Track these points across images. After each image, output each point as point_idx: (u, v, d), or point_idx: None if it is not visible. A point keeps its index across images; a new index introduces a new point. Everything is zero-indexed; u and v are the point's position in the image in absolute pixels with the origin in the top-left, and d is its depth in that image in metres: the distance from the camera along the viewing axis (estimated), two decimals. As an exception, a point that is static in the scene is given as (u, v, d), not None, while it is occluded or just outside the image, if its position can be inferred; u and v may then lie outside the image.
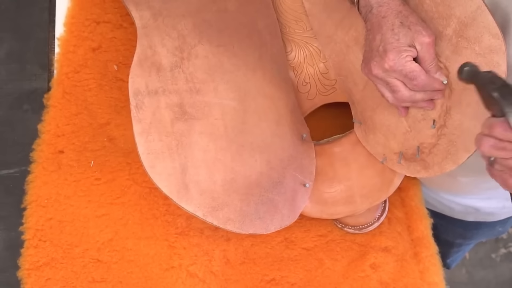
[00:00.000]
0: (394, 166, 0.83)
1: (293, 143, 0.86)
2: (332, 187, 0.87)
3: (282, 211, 0.82)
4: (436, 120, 0.76)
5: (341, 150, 0.88)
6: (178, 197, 0.77)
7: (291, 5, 0.91)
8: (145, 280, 0.85)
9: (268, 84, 0.86)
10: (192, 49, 0.83)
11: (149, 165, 0.76)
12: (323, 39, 0.89)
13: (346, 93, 0.89)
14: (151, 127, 0.78)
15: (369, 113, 0.84)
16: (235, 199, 0.79)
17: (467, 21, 0.71)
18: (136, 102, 0.78)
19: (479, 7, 0.71)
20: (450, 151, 0.75)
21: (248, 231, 0.80)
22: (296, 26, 0.91)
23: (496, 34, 0.70)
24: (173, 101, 0.79)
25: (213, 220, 0.78)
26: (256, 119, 0.84)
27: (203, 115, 0.80)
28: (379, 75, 0.74)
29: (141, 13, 0.84)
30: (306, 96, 0.91)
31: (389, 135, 0.82)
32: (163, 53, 0.82)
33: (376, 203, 0.86)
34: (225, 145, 0.80)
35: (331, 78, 0.90)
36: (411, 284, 0.87)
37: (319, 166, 0.87)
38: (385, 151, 0.83)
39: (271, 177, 0.82)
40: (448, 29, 0.73)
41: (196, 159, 0.78)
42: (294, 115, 0.88)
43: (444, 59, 0.74)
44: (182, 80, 0.81)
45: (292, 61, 0.91)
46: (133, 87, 0.79)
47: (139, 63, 0.80)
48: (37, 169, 0.88)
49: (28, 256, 0.85)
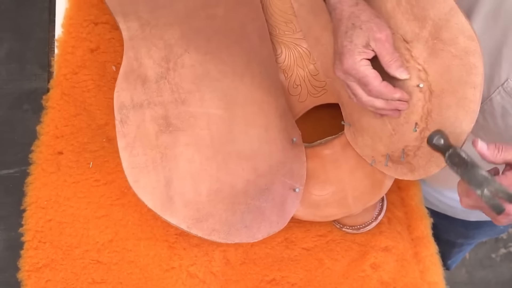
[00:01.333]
0: (383, 168, 0.83)
1: (283, 148, 0.85)
2: (324, 190, 0.87)
3: (270, 218, 0.82)
4: (418, 123, 0.76)
5: (332, 152, 0.88)
6: (162, 210, 0.77)
7: (281, 7, 0.91)
8: (145, 281, 0.85)
9: (257, 89, 0.86)
10: (179, 59, 0.83)
11: (133, 180, 0.77)
12: (311, 40, 0.89)
13: (335, 95, 0.89)
14: (136, 141, 0.78)
15: (356, 115, 0.84)
16: (220, 209, 0.79)
17: (442, 23, 0.71)
18: (121, 116, 0.78)
19: (452, 8, 0.70)
20: (433, 154, 0.74)
21: (234, 241, 0.79)
22: (286, 28, 0.91)
23: (470, 36, 0.69)
24: (158, 114, 0.79)
25: (197, 232, 0.78)
26: (244, 127, 0.83)
27: (188, 126, 0.80)
28: (341, 77, 0.74)
29: (128, 24, 0.84)
30: (297, 99, 0.91)
31: (376, 138, 0.82)
32: (149, 64, 0.82)
33: (369, 204, 0.86)
34: (211, 155, 0.80)
35: (321, 79, 0.90)
36: (411, 284, 0.87)
37: (310, 169, 0.87)
38: (373, 154, 0.83)
39: (258, 185, 0.82)
40: (424, 31, 0.73)
41: (181, 171, 0.78)
42: (284, 119, 0.87)
43: (422, 61, 0.74)
44: (167, 91, 0.81)
45: (282, 63, 0.91)
46: (118, 101, 0.79)
47: (125, 76, 0.80)
48: (37, 170, 0.88)
49: (28, 257, 0.85)
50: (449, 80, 0.72)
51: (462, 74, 0.71)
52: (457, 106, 0.72)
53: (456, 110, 0.72)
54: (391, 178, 0.84)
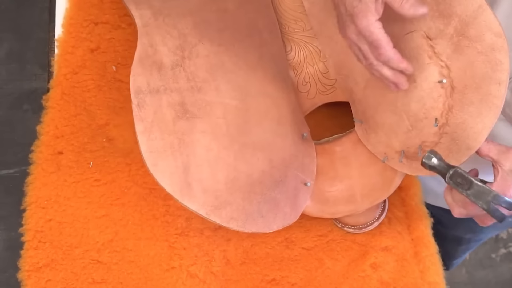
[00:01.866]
0: (396, 165, 0.83)
1: (294, 142, 0.86)
2: (333, 186, 0.87)
3: (284, 210, 0.82)
4: (438, 119, 0.76)
5: (342, 149, 0.88)
6: (181, 195, 0.76)
7: (290, 5, 0.91)
8: (145, 280, 0.85)
9: (269, 84, 0.86)
10: (193, 48, 0.83)
11: (152, 164, 0.76)
12: (324, 38, 0.89)
13: (346, 92, 0.89)
14: (153, 125, 0.77)
15: (370, 112, 0.84)
16: (237, 198, 0.79)
17: (468, 19, 0.71)
18: (137, 100, 0.78)
19: (480, 6, 0.71)
20: (452, 149, 0.75)
21: (251, 230, 0.79)
22: (296, 26, 0.91)
23: (498, 33, 0.70)
24: (175, 100, 0.79)
25: (216, 218, 0.77)
26: (258, 118, 0.84)
27: (204, 114, 0.80)
28: (353, 39, 0.73)
29: (141, 12, 0.84)
30: (306, 96, 0.91)
31: (391, 134, 0.82)
32: (164, 51, 0.81)
33: (377, 202, 0.86)
34: (228, 144, 0.80)
35: (331, 77, 0.90)
36: (412, 284, 0.87)
37: (320, 165, 0.87)
38: (387, 150, 0.83)
39: (273, 176, 0.82)
40: (449, 27, 0.73)
41: (199, 157, 0.78)
42: (294, 115, 0.87)
43: (445, 57, 0.74)
44: (183, 78, 0.81)
45: (292, 60, 0.91)
46: (135, 85, 0.78)
47: (140, 61, 0.80)
48: (37, 170, 0.88)
49: (28, 257, 0.85)
50: (472, 76, 0.72)
51: (487, 70, 0.71)
52: (480, 102, 0.72)
53: (479, 105, 0.72)
54: (402, 175, 0.84)
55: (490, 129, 0.72)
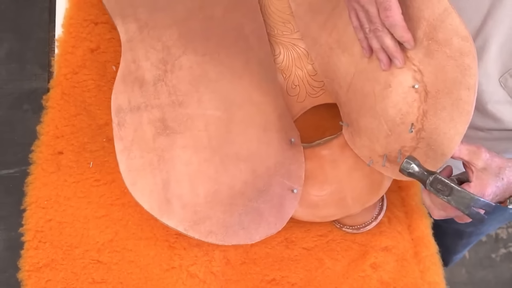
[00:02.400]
0: (380, 168, 0.82)
1: (281, 148, 0.85)
2: (323, 190, 0.87)
3: (268, 219, 0.82)
4: (414, 124, 0.76)
5: (331, 152, 0.88)
6: (159, 213, 0.77)
7: (279, 6, 0.91)
8: (145, 280, 0.85)
9: (255, 90, 0.86)
10: (176, 61, 0.83)
11: (131, 183, 0.77)
12: (309, 41, 0.89)
13: (333, 95, 0.88)
14: (133, 144, 0.78)
15: (354, 115, 0.84)
16: (217, 211, 0.79)
17: (436, 23, 0.71)
18: (118, 119, 0.78)
19: (446, 9, 0.70)
20: (429, 154, 0.75)
21: (231, 243, 0.79)
22: (284, 28, 0.91)
23: (465, 37, 0.70)
24: (155, 116, 0.79)
25: (194, 234, 0.78)
26: (242, 128, 0.83)
27: (185, 129, 0.80)
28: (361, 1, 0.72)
29: (126, 27, 0.84)
30: (295, 99, 0.91)
31: (373, 138, 0.81)
32: (147, 66, 0.82)
33: (368, 205, 0.86)
34: (209, 156, 0.80)
35: (319, 79, 0.90)
36: (412, 284, 0.87)
37: (309, 169, 0.87)
38: (371, 154, 0.83)
39: (256, 186, 0.82)
40: (418, 31, 0.73)
41: (179, 173, 0.78)
42: (282, 120, 0.87)
43: (417, 62, 0.74)
44: (164, 93, 0.81)
45: (281, 64, 0.91)
46: (116, 104, 0.79)
47: (123, 78, 0.80)
48: (37, 170, 0.88)
49: (28, 257, 0.85)
50: (444, 81, 0.72)
51: (457, 75, 0.71)
52: (451, 107, 0.72)
53: (451, 111, 0.72)
54: (390, 178, 0.84)
55: (462, 135, 0.71)
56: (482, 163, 0.70)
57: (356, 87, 0.81)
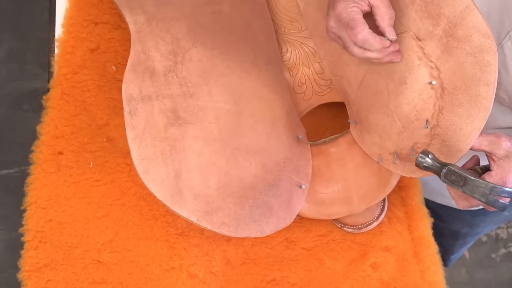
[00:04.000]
0: (390, 166, 0.83)
1: (289, 144, 0.85)
2: (329, 188, 0.87)
3: (278, 214, 0.82)
4: (429, 120, 0.76)
5: (338, 150, 0.88)
6: (171, 202, 0.77)
7: (286, 5, 0.91)
8: (145, 281, 0.85)
9: (263, 86, 0.86)
10: (186, 53, 0.83)
11: (143, 171, 0.76)
12: (318, 39, 0.89)
13: (341, 93, 0.89)
14: (145, 133, 0.78)
15: (364, 113, 0.84)
16: (229, 203, 0.79)
17: (456, 20, 0.71)
18: (129, 108, 0.78)
19: (468, 6, 0.71)
20: (443, 151, 0.75)
21: (243, 235, 0.79)
22: (291, 27, 0.91)
23: (486, 34, 0.70)
24: (167, 106, 0.79)
25: (207, 224, 0.78)
26: (251, 122, 0.83)
27: (197, 120, 0.80)
28: (332, 28, 0.74)
29: (135, 18, 0.84)
30: (302, 97, 0.91)
31: (384, 135, 0.82)
32: (157, 57, 0.82)
33: (374, 203, 0.86)
34: (220, 148, 0.80)
35: (326, 78, 0.90)
36: (412, 284, 0.87)
37: (315, 167, 0.87)
38: (381, 151, 0.83)
39: (266, 180, 0.82)
40: (438, 28, 0.73)
41: (190, 163, 0.78)
42: (289, 117, 0.87)
43: (435, 58, 0.74)
44: (175, 84, 0.81)
45: (288, 61, 0.91)
46: (127, 93, 0.79)
47: (133, 68, 0.80)
48: (37, 170, 0.88)
49: (28, 257, 0.85)
50: (462, 77, 0.72)
51: (476, 71, 0.71)
52: (469, 103, 0.72)
53: (468, 107, 0.72)
54: (397, 176, 0.84)
55: (480, 131, 0.71)
56: (503, 151, 0.70)
57: (369, 84, 0.81)
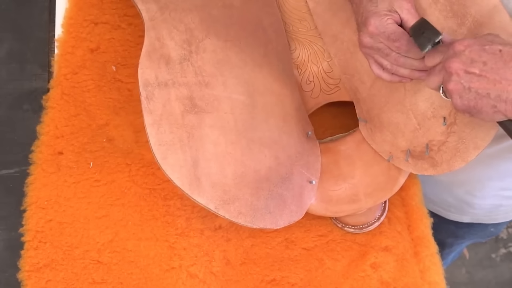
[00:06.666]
0: (401, 164, 0.82)
1: (299, 140, 0.86)
2: (337, 185, 0.87)
3: (291, 207, 0.82)
4: (446, 118, 0.76)
5: (346, 148, 0.88)
6: (190, 189, 0.76)
7: (295, 4, 0.91)
8: (145, 281, 0.85)
9: (275, 81, 0.86)
10: (200, 43, 0.83)
11: (161, 157, 0.76)
12: (328, 38, 0.89)
13: (351, 92, 0.89)
14: (162, 118, 0.77)
15: (376, 111, 0.84)
16: (246, 193, 0.79)
17: (483, 20, 0.71)
18: (146, 93, 0.77)
19: (495, 6, 0.70)
20: (459, 148, 0.75)
21: (259, 226, 0.79)
22: (300, 25, 0.91)
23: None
24: (183, 94, 0.79)
25: (225, 213, 0.77)
26: (264, 115, 0.83)
27: (212, 109, 0.80)
28: (368, 44, 0.73)
29: (147, 6, 0.84)
30: (310, 95, 0.91)
31: (398, 133, 0.82)
32: (171, 45, 0.81)
33: (381, 201, 0.86)
34: (235, 139, 0.80)
35: (335, 77, 0.90)
36: (412, 284, 0.87)
37: (324, 164, 0.87)
38: (392, 149, 0.83)
39: (280, 173, 0.82)
40: (462, 27, 0.73)
41: (207, 152, 0.78)
42: (299, 113, 0.88)
43: None
44: (191, 73, 0.80)
45: (296, 59, 0.91)
46: (143, 78, 0.78)
47: (148, 55, 0.80)
48: (37, 170, 0.88)
49: (28, 257, 0.85)
50: None
51: None
52: None
53: None
54: (405, 175, 0.84)
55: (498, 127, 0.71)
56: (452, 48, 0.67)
57: (384, 82, 0.81)
